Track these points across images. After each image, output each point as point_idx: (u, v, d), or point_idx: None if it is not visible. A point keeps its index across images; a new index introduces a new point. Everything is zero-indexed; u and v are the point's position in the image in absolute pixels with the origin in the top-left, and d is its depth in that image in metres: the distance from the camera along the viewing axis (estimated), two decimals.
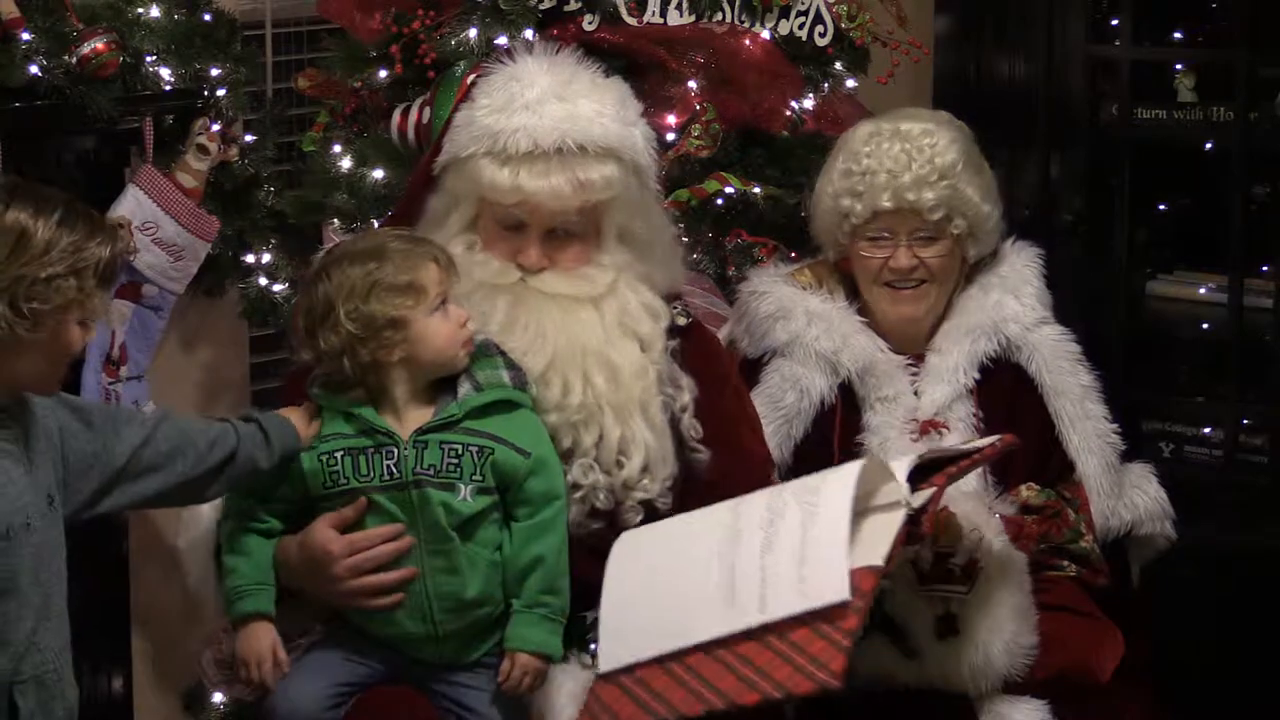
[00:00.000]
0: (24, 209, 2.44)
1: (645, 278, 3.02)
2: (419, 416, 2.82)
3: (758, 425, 3.16)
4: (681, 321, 3.08)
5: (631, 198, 3.00)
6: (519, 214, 2.93)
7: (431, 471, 2.78)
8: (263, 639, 2.78)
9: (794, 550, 2.61)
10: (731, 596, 2.63)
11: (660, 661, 2.66)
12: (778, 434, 3.23)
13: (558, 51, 3.05)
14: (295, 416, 2.85)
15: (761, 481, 2.98)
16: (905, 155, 3.20)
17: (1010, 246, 3.37)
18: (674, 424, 2.99)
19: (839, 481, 2.67)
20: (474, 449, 2.79)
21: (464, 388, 2.83)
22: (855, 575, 2.56)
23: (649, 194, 3.07)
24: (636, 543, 2.83)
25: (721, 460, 3.02)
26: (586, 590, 2.82)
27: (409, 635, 2.83)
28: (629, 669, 2.69)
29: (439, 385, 2.84)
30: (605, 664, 2.72)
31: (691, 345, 3.09)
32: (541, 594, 2.80)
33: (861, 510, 2.66)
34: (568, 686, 2.85)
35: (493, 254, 2.96)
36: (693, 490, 2.97)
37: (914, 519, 2.69)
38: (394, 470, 2.79)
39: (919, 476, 2.76)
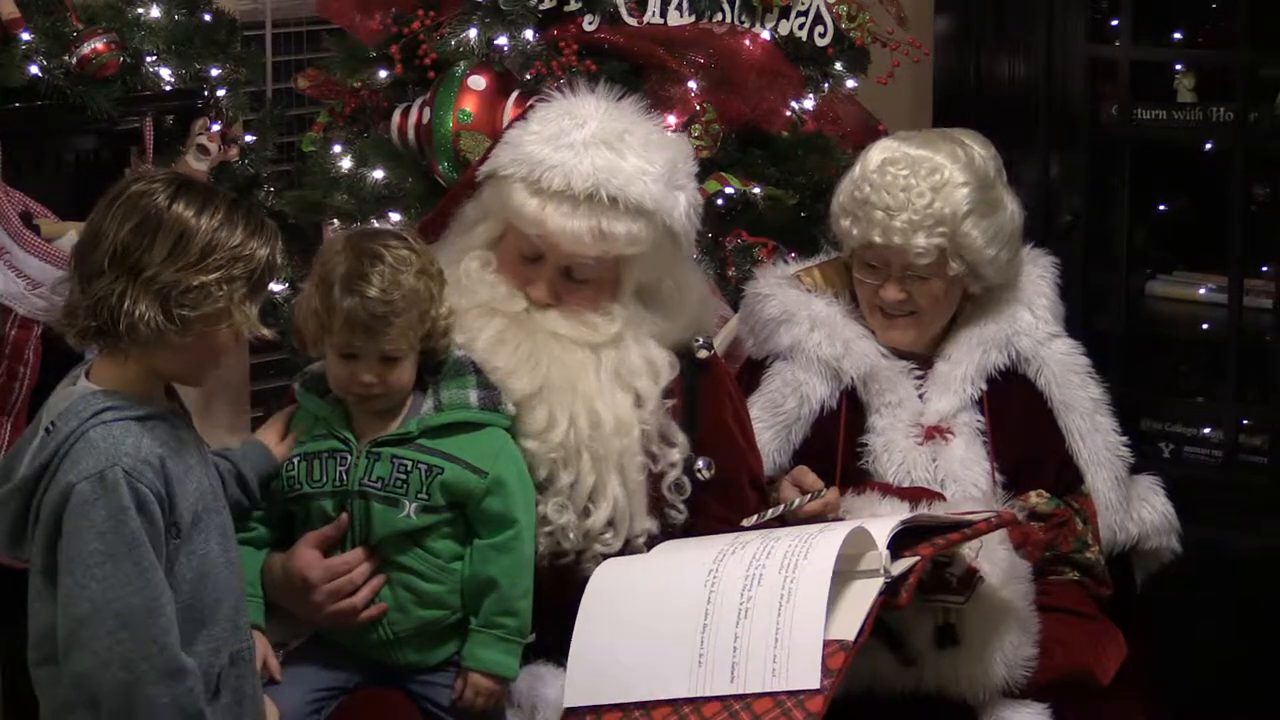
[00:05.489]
0: (189, 207, 2.44)
1: (659, 334, 2.98)
2: (381, 427, 2.82)
3: (758, 471, 3.13)
4: (702, 355, 3.06)
5: (660, 257, 2.95)
6: (539, 246, 2.91)
7: (379, 484, 2.78)
8: (255, 647, 2.78)
9: (769, 627, 2.60)
10: (702, 659, 2.62)
11: (624, 708, 2.66)
12: (776, 439, 3.22)
13: (621, 97, 3.00)
14: (270, 433, 2.87)
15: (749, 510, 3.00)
16: (905, 195, 3.13)
17: (1027, 254, 3.34)
18: (657, 482, 2.96)
19: (819, 558, 2.63)
20: (423, 467, 2.78)
21: (427, 405, 2.82)
22: (826, 649, 2.55)
23: (681, 256, 3.02)
24: (616, 576, 2.81)
25: (710, 501, 3.01)
26: (567, 614, 2.81)
27: (368, 641, 2.84)
28: (594, 708, 2.69)
29: (414, 397, 2.83)
30: (571, 698, 2.72)
31: (707, 380, 3.06)
32: (496, 615, 2.79)
33: (845, 571, 2.64)
34: (560, 682, 2.85)
35: (505, 278, 2.94)
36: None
37: (892, 588, 2.67)
38: (343, 477, 2.80)
39: (909, 538, 2.74)
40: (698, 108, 3.70)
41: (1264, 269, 4.32)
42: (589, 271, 2.92)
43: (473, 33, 3.68)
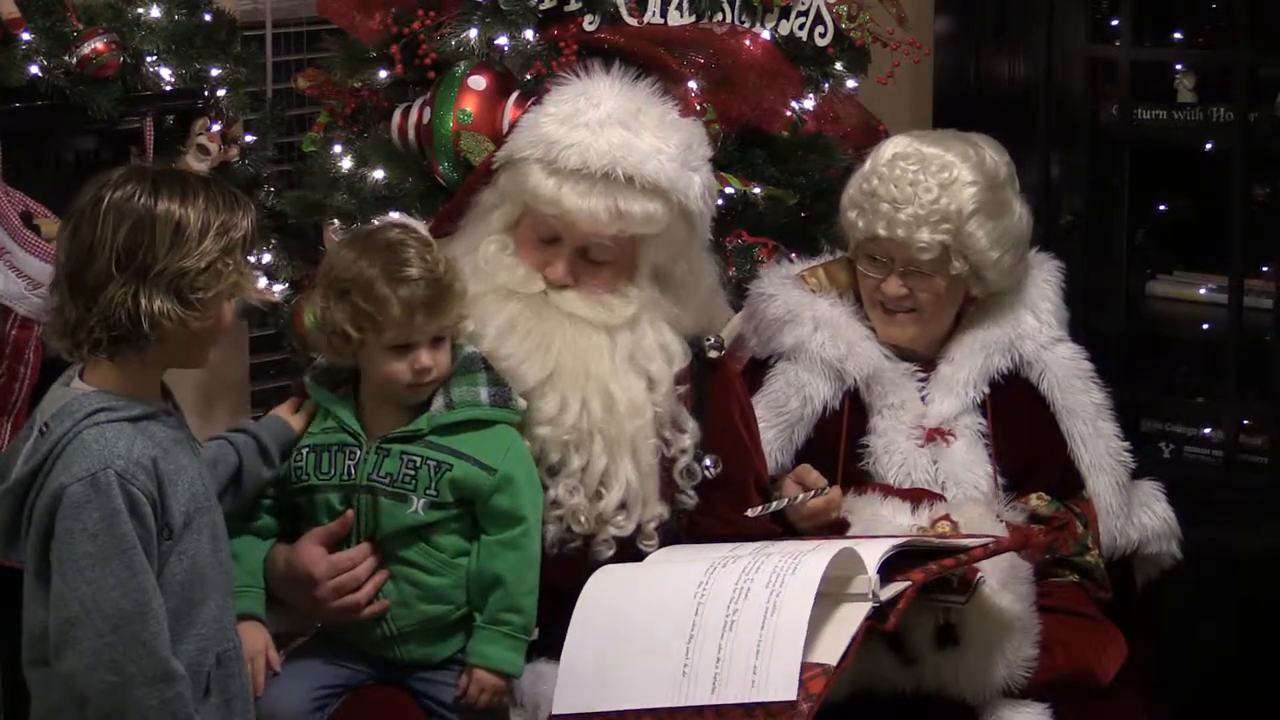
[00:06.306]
0: (173, 198, 2.46)
1: (673, 319, 2.98)
2: (392, 423, 2.82)
3: (762, 472, 3.13)
4: (712, 355, 3.06)
5: (675, 239, 2.96)
6: (556, 227, 2.91)
7: (387, 480, 2.79)
8: (255, 639, 2.78)
9: (753, 638, 2.61)
10: (687, 670, 2.64)
11: (607, 717, 2.67)
12: (779, 439, 3.22)
13: (637, 78, 3.02)
14: (284, 410, 2.88)
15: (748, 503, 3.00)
16: (912, 189, 3.14)
17: (1033, 257, 3.34)
18: (668, 468, 2.96)
19: (806, 573, 2.64)
20: (432, 463, 2.78)
21: (437, 402, 2.82)
22: (807, 673, 2.56)
23: (697, 239, 3.02)
24: (609, 584, 2.81)
25: (714, 500, 3.01)
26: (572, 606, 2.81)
27: (371, 638, 2.84)
28: (579, 716, 2.70)
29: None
30: (559, 706, 2.73)
31: (716, 380, 3.06)
32: (502, 612, 2.80)
33: (834, 594, 2.65)
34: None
35: (523, 260, 2.95)
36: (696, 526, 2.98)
37: (880, 612, 2.67)
38: (351, 471, 2.80)
39: (903, 561, 2.74)
40: (698, 108, 3.69)
41: (1264, 269, 4.32)
42: (606, 253, 2.93)
43: (473, 33, 3.67)
